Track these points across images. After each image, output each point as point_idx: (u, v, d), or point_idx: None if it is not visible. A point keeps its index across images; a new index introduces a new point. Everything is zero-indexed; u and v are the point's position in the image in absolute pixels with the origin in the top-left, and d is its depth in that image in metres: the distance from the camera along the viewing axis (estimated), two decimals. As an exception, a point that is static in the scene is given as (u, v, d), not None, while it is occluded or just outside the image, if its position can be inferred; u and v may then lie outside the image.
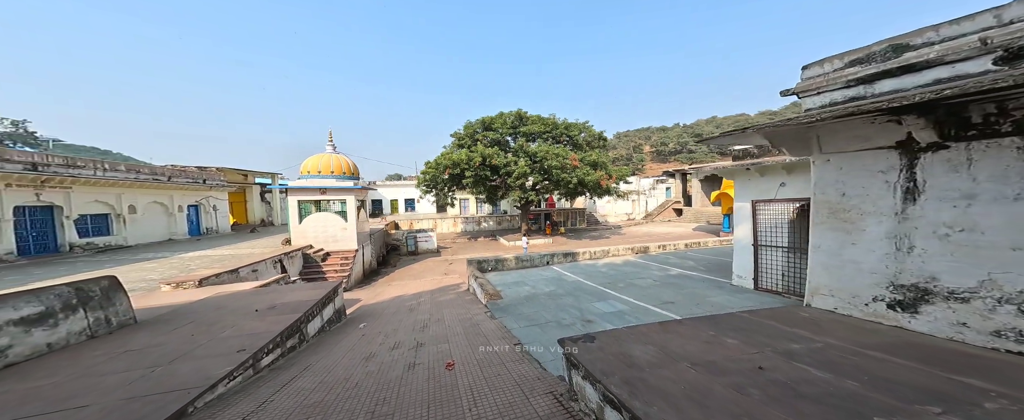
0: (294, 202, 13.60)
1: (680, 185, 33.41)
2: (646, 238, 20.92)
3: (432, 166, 20.84)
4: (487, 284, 7.57)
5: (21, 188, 10.44)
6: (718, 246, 12.23)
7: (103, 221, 13.40)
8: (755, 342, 2.52)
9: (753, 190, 5.69)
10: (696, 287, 6.37)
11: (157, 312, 4.55)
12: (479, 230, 29.97)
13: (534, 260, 10.06)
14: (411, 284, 12.11)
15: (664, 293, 6.12)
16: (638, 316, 5.02)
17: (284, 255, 11.37)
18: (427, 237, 20.34)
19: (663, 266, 8.74)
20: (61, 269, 9.51)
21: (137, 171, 14.88)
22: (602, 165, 19.57)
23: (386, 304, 8.67)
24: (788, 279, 5.27)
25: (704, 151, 61.77)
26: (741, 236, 6.05)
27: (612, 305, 5.71)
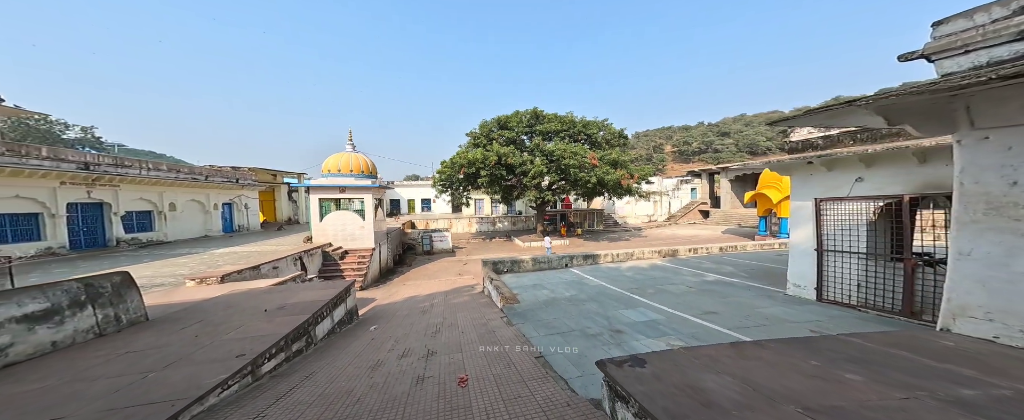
0: (315, 200, 13.91)
1: (707, 186, 31.44)
2: (671, 241, 19.70)
3: (447, 166, 20.80)
4: (503, 286, 7.14)
5: (74, 186, 11.35)
6: (757, 250, 11.12)
7: (147, 218, 14.40)
8: (892, 381, 1.84)
9: (817, 187, 4.85)
10: (740, 295, 5.59)
11: (171, 310, 4.50)
12: (494, 230, 29.71)
13: (552, 262, 9.52)
14: (425, 284, 11.94)
15: (702, 301, 5.40)
16: (676, 327, 4.38)
17: (304, 253, 11.56)
18: (442, 237, 20.29)
19: (697, 271, 7.92)
20: (105, 263, 10.17)
21: (177, 171, 15.92)
22: (623, 164, 18.64)
23: (400, 305, 8.47)
24: (866, 290, 4.43)
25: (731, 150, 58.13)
26: (800, 240, 5.21)
27: (643, 313, 5.09)
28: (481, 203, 33.32)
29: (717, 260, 9.37)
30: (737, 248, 10.96)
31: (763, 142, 55.72)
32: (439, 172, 21.35)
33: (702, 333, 4.13)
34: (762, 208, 18.50)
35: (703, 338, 3.99)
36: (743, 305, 5.08)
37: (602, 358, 2.35)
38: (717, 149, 59.96)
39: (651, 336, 4.16)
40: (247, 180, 21.34)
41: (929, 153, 3.48)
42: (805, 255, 5.11)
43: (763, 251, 10.67)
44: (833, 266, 4.81)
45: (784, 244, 11.46)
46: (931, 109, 2.36)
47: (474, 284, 10.62)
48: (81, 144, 40.08)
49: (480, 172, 19.23)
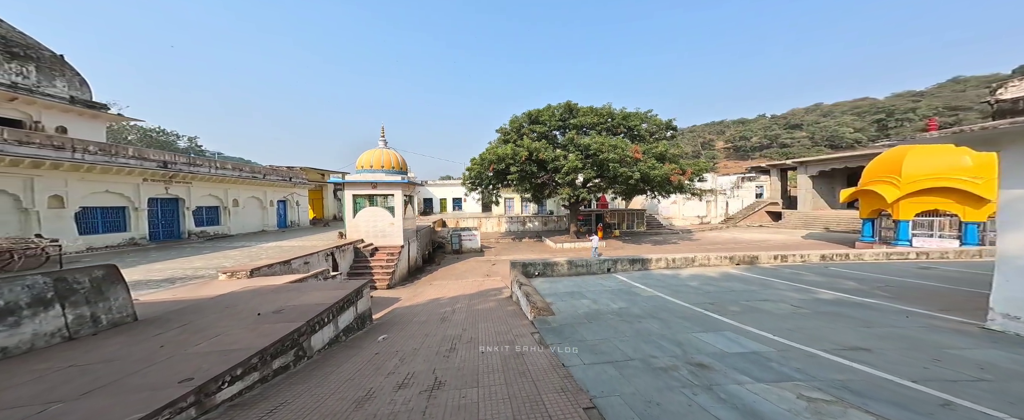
0: (349, 196, 14.16)
1: (778, 183, 26.68)
2: (734, 246, 16.67)
3: (477, 162, 20.25)
4: (534, 294, 5.98)
5: (154, 182, 12.92)
6: (880, 261, 8.39)
7: (214, 212, 16.08)
8: None
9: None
10: (898, 325, 3.70)
11: (173, 308, 4.18)
12: (524, 230, 28.60)
13: (591, 266, 8.09)
14: (451, 286, 11.27)
15: (830, 329, 3.65)
16: (800, 367, 2.81)
17: (336, 248, 11.64)
18: (471, 236, 19.75)
19: (798, 285, 5.90)
20: (172, 252, 11.23)
21: (240, 169, 17.66)
22: (672, 158, 16.22)
23: (420, 308, 7.77)
24: None
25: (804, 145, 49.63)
26: (1022, 249, 3.18)
27: (735, 340, 3.53)
28: (511, 202, 32.47)
29: (822, 271, 7.07)
30: (849, 257, 8.33)
31: (849, 134, 46.55)
32: (468, 169, 20.91)
33: (857, 380, 2.52)
34: (867, 209, 14.69)
35: (861, 389, 2.38)
36: (914, 341, 3.24)
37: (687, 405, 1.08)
38: (784, 144, 51.91)
39: (763, 378, 2.66)
40: (299, 179, 23.17)
41: None
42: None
43: (889, 262, 7.91)
44: None
45: (916, 253, 8.49)
46: None
47: (501, 287, 9.61)
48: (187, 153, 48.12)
49: (510, 168, 18.30)
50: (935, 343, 3.18)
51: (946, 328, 3.54)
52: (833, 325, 3.79)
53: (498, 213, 31.14)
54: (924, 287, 5.48)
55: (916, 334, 3.42)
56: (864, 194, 14.52)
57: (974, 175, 11.68)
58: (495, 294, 8.72)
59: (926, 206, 12.60)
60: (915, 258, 8.34)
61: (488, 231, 29.14)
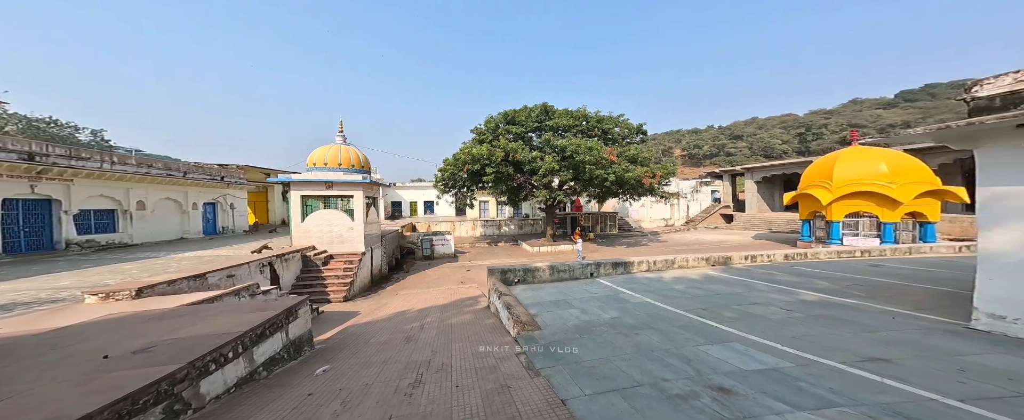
0: (297, 198, 12.23)
1: (729, 188, 29.21)
2: (696, 247, 17.55)
3: (450, 163, 19.11)
4: (516, 304, 5.22)
5: (13, 178, 9.82)
6: (834, 259, 9.00)
7: (108, 217, 12.82)
8: None
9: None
10: (900, 331, 3.57)
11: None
12: (500, 234, 27.79)
13: (573, 271, 7.57)
14: (421, 295, 10.06)
15: (833, 337, 3.41)
16: (838, 389, 2.42)
17: (276, 257, 9.78)
18: (444, 241, 18.45)
19: (777, 286, 5.89)
20: (36, 267, 8.54)
21: (149, 165, 14.46)
22: (643, 161, 16.71)
23: (382, 325, 6.59)
24: None
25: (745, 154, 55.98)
26: (1005, 247, 3.17)
27: (748, 354, 3.12)
28: (486, 205, 31.55)
29: (790, 271, 7.31)
30: (807, 256, 8.85)
31: (778, 145, 53.82)
32: (441, 170, 19.68)
33: (906, 403, 2.15)
34: (805, 211, 16.31)
35: (917, 415, 2.00)
36: (923, 347, 3.07)
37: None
38: (730, 152, 58.11)
39: (802, 405, 2.20)
40: (235, 178, 19.89)
41: None
42: (1018, 270, 3.12)
43: (842, 261, 8.53)
44: None
45: (846, 251, 9.32)
46: None
47: (477, 296, 8.71)
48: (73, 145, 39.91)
49: (485, 169, 17.51)
50: (944, 349, 3.04)
51: (938, 330, 3.50)
52: (835, 331, 3.58)
53: (473, 217, 29.98)
54: (888, 285, 5.76)
55: (917, 338, 3.30)
56: (803, 197, 16.15)
57: (889, 181, 13.50)
58: (470, 304, 7.79)
59: (853, 208, 14.29)
60: (861, 256, 9.16)
61: (462, 235, 27.85)
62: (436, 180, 20.48)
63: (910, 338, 3.30)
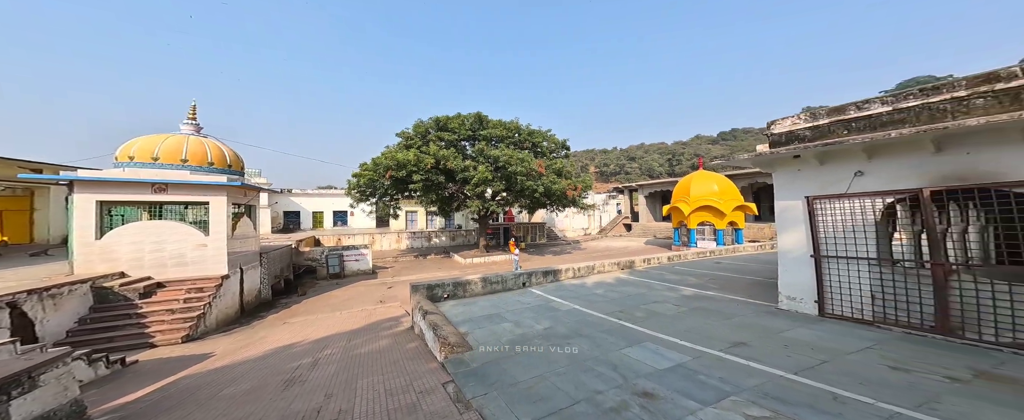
0: (88, 204, 8.17)
1: (628, 202, 35.46)
2: (608, 253, 20.39)
3: (368, 168, 16.85)
4: (443, 324, 4.74)
5: None
6: (697, 259, 11.67)
7: None
8: None
9: (808, 183, 4.46)
10: (740, 313, 4.76)
11: None
12: (429, 246, 25.93)
13: (507, 281, 7.53)
14: (322, 322, 8.18)
15: (710, 326, 4.29)
16: (724, 376, 2.96)
17: (30, 293, 6.20)
18: (358, 256, 15.86)
19: (667, 284, 7.20)
20: None
21: None
22: (567, 174, 18.57)
23: (248, 367, 4.98)
24: (884, 303, 3.87)
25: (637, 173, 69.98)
26: (791, 245, 4.70)
27: (659, 353, 3.58)
28: (414, 216, 29.08)
29: (672, 270, 9.13)
30: (681, 257, 11.31)
31: (657, 167, 69.67)
32: (356, 176, 17.12)
33: (767, 384, 2.78)
34: (675, 221, 21.11)
35: (775, 392, 2.62)
36: (759, 328, 4.14)
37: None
38: (627, 172, 71.58)
39: (706, 399, 2.59)
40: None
41: (945, 140, 3.23)
42: (799, 263, 4.62)
43: (700, 259, 11.24)
44: (836, 275, 4.25)
45: (700, 253, 12.51)
46: None
47: (400, 316, 7.66)
48: None
49: (413, 176, 16.14)
50: (771, 328, 4.15)
51: (764, 312, 4.83)
52: (709, 321, 4.51)
53: (398, 228, 27.13)
54: (728, 278, 7.82)
55: (755, 321, 4.46)
56: (673, 210, 20.97)
57: (719, 197, 18.87)
58: (390, 326, 6.75)
59: (701, 218, 19.35)
60: (710, 255, 12.33)
61: (384, 249, 24.78)
62: (350, 187, 17.69)
63: (751, 321, 4.43)
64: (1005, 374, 2.81)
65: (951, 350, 3.30)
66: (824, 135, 4.23)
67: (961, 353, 3.22)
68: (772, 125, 4.79)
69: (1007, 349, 3.14)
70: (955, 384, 2.68)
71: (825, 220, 4.28)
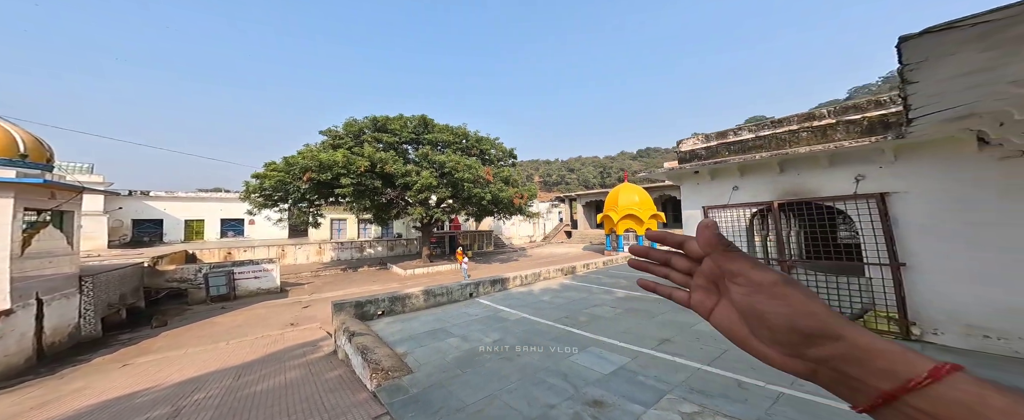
0: None
1: (568, 210, 38.43)
2: (552, 259, 21.49)
3: (278, 169, 14.14)
4: (376, 345, 4.12)
5: None
6: (625, 262, 13.19)
7: None
8: None
9: (704, 195, 5.51)
10: (662, 312, 5.43)
11: None
12: (361, 258, 22.96)
13: (452, 293, 7.11)
14: (191, 358, 6.22)
15: (642, 327, 4.78)
16: (660, 375, 3.27)
17: None
18: (259, 272, 12.92)
19: (604, 287, 7.86)
20: None
21: None
22: (514, 182, 19.04)
23: None
24: None
25: (576, 183, 77.20)
26: None
27: (604, 357, 3.78)
28: (341, 224, 25.44)
29: (608, 274, 10.08)
30: (614, 261, 12.64)
31: (592, 178, 78.30)
32: (259, 177, 14.14)
33: (693, 378, 3.16)
34: (607, 228, 23.78)
35: (699, 386, 3.00)
36: (676, 325, 4.76)
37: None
38: (567, 182, 78.16)
39: (647, 401, 2.80)
40: None
41: (787, 163, 4.43)
42: None
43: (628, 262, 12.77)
44: None
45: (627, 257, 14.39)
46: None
47: (319, 340, 6.44)
48: None
49: (341, 180, 14.16)
50: (683, 323, 4.82)
51: (679, 309, 5.33)
52: (640, 321, 5.02)
53: (319, 238, 23.31)
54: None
55: (673, 317, 5.13)
56: (605, 218, 23.66)
57: (640, 207, 22.14)
58: (304, 353, 5.59)
59: (627, 226, 22.31)
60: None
61: (300, 262, 20.89)
62: (248, 190, 14.45)
63: (671, 318, 5.11)
64: None
65: None
66: (714, 154, 5.29)
67: None
68: (680, 144, 5.80)
69: None
70: None
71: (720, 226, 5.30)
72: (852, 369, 0.28)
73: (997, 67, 1.56)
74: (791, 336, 0.29)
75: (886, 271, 3.72)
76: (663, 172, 5.76)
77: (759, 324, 0.31)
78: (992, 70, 1.60)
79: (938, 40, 1.31)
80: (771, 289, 0.30)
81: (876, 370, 0.27)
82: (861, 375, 0.28)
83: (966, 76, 1.67)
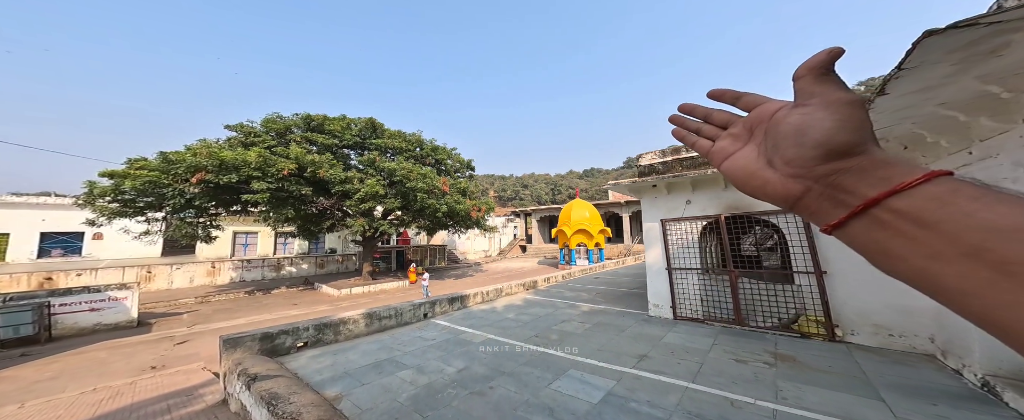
0: None
1: (524, 225, 38.95)
2: (509, 274, 20.98)
3: (149, 167, 10.90)
4: (291, 392, 3.01)
5: None
6: (581, 275, 13.48)
7: None
8: None
9: (662, 208, 5.85)
10: (630, 325, 5.34)
11: None
12: (279, 278, 18.82)
13: (403, 314, 6.01)
14: None
15: (615, 343, 4.55)
16: (651, 399, 2.98)
17: None
18: (102, 302, 9.24)
19: (568, 302, 7.66)
20: None
21: None
22: (471, 194, 18.34)
23: None
24: (708, 304, 5.04)
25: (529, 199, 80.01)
26: (653, 260, 5.86)
27: (587, 382, 3.37)
28: (251, 238, 20.64)
29: (568, 287, 10.04)
30: (572, 274, 12.79)
31: (544, 195, 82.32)
32: (114, 175, 10.60)
33: (686, 399, 2.94)
34: (561, 242, 24.65)
35: (695, 409, 2.77)
36: (647, 338, 4.66)
37: None
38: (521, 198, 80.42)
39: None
40: None
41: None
42: (659, 275, 5.75)
43: (583, 275, 13.11)
44: (681, 284, 5.35)
45: (584, 270, 14.94)
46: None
47: (200, 386, 4.67)
48: None
49: (251, 183, 11.55)
50: (652, 335, 4.78)
51: (643, 321, 5.58)
52: (610, 336, 4.81)
53: (214, 254, 18.45)
54: (609, 291, 9.18)
55: (640, 329, 5.10)
56: (559, 233, 24.57)
57: (590, 222, 23.66)
58: (172, 407, 3.89)
59: (579, 240, 23.51)
60: (590, 271, 14.74)
61: (180, 286, 16.13)
62: (92, 194, 10.62)
63: (638, 331, 5.05)
64: (786, 353, 3.88)
65: (748, 337, 4.43)
66: (670, 169, 5.73)
67: (755, 339, 4.36)
68: (640, 158, 6.17)
69: (770, 332, 4.49)
70: (772, 369, 3.47)
71: (673, 239, 5.69)
72: (851, 181, 0.28)
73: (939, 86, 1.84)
74: (818, 151, 0.29)
75: (812, 278, 4.32)
76: (626, 184, 6.02)
77: (789, 144, 0.31)
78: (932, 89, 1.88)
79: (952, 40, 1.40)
80: (838, 106, 0.29)
81: (875, 178, 0.27)
82: (856, 185, 0.28)
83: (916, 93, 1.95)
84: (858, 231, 0.28)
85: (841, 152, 0.28)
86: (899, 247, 0.25)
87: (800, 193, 0.31)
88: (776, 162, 0.32)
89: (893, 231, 0.26)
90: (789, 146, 0.31)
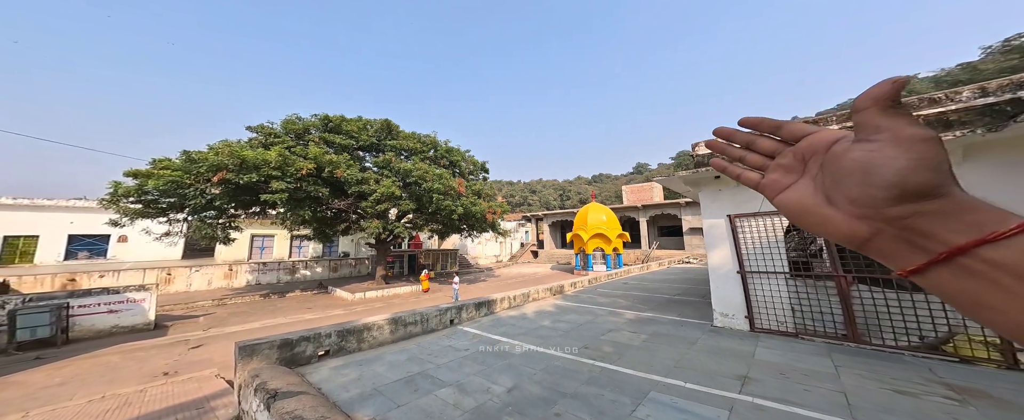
0: None
1: (535, 230, 38.23)
2: (524, 280, 20.28)
3: (172, 166, 10.86)
4: (317, 413, 2.41)
5: None
6: (609, 279, 12.63)
7: None
8: None
9: (728, 202, 5.00)
10: (703, 339, 4.54)
11: None
12: (293, 282, 18.70)
13: (429, 320, 5.46)
14: None
15: (693, 358, 3.82)
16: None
17: None
18: (120, 303, 9.09)
19: (606, 308, 6.94)
20: None
21: None
22: (487, 196, 17.88)
23: None
24: (802, 315, 4.15)
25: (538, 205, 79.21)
26: (719, 262, 5.02)
27: (689, 412, 2.64)
28: (267, 241, 20.73)
29: (597, 293, 9.27)
30: (598, 279, 12.00)
31: (552, 201, 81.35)
32: (139, 175, 10.61)
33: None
34: (577, 247, 23.78)
35: None
36: (733, 353, 3.89)
37: None
38: (530, 203, 79.74)
39: None
40: None
41: None
42: (728, 280, 4.78)
43: (610, 281, 12.23)
44: (760, 290, 4.50)
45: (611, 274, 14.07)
46: None
47: (213, 396, 4.20)
48: None
49: (271, 183, 11.41)
50: (733, 350, 4.00)
51: (712, 332, 4.75)
52: (681, 350, 4.07)
53: (232, 257, 18.53)
54: (648, 297, 8.22)
55: (713, 342, 4.32)
56: (575, 237, 23.71)
57: (608, 226, 22.73)
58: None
59: (596, 245, 22.58)
60: (617, 277, 13.85)
61: (198, 289, 16.16)
62: (116, 194, 10.60)
63: (713, 344, 4.26)
64: (964, 385, 2.91)
65: (879, 359, 3.45)
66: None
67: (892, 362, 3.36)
68: (696, 146, 5.44)
69: (906, 353, 3.55)
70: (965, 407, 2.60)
71: (746, 237, 4.82)
72: (930, 225, 0.26)
73: None
74: (890, 192, 0.27)
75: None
76: (684, 176, 5.29)
77: (854, 182, 0.28)
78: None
79: None
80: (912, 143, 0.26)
81: (961, 224, 0.25)
82: (937, 231, 0.26)
83: None
84: (944, 279, 0.26)
85: (918, 194, 0.26)
86: (994, 299, 0.24)
87: (868, 234, 0.29)
88: (838, 200, 0.30)
89: (987, 282, 0.24)
90: (854, 185, 0.28)
